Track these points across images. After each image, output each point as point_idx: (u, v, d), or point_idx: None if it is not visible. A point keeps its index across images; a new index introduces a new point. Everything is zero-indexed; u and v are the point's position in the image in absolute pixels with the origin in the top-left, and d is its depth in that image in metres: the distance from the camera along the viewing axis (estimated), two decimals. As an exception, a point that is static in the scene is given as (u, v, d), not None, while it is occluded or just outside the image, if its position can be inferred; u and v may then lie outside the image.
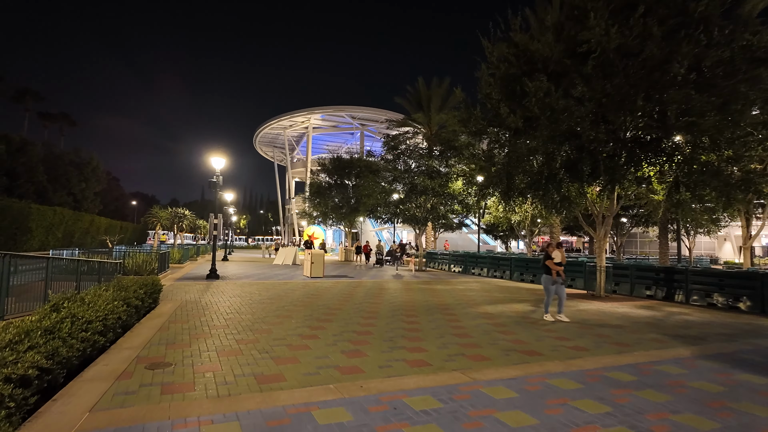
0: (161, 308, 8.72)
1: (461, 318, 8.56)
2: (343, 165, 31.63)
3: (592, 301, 11.82)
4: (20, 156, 37.78)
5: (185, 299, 10.16)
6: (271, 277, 16.61)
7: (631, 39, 9.30)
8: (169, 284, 13.14)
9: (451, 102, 28.94)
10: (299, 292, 11.96)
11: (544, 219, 24.00)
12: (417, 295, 12.26)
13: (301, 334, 6.77)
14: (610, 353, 6.06)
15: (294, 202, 69.51)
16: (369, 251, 27.90)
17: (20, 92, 53.98)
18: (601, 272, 12.94)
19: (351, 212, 31.10)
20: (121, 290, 7.06)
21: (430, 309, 9.65)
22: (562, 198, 12.42)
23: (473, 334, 7.09)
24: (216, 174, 15.00)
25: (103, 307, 5.61)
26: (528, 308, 10.21)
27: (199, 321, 7.61)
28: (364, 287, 13.87)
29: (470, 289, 14.06)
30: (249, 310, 8.80)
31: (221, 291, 11.92)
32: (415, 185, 20.59)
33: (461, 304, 10.50)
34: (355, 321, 7.96)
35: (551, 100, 10.23)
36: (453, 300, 11.31)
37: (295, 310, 9.02)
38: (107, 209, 61.82)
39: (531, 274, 17.78)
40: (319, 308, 9.32)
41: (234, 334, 6.63)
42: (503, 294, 13.12)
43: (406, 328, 7.39)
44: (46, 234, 35.49)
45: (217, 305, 9.40)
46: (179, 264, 20.86)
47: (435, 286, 14.96)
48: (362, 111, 62.70)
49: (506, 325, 7.99)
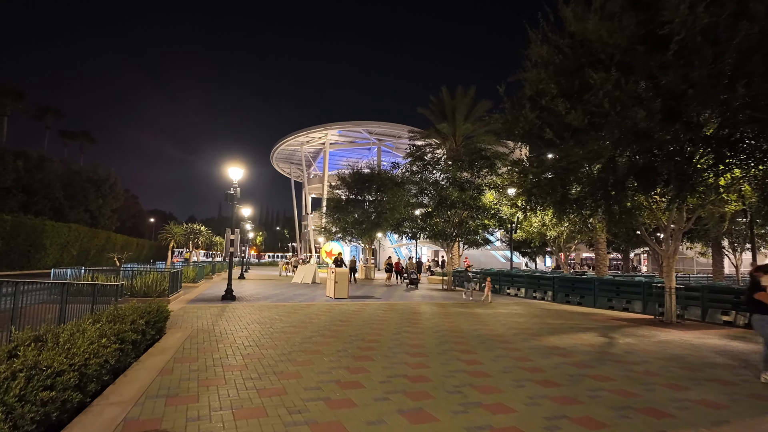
0: (168, 340, 7.33)
1: (529, 354, 6.96)
2: (363, 179, 30.41)
3: (666, 330, 10.07)
4: (37, 172, 37.54)
5: (197, 327, 8.77)
6: (291, 298, 15.17)
7: (725, 17, 7.81)
8: (180, 307, 11.80)
9: (477, 111, 27.63)
10: (325, 318, 10.48)
11: (583, 234, 22.20)
12: (458, 321, 10.67)
13: (339, 379, 5.28)
14: (761, 412, 4.43)
15: (311, 218, 68.62)
16: (401, 269, 26.12)
17: (41, 110, 54.53)
18: (671, 295, 11.18)
19: (372, 227, 29.69)
20: (116, 321, 5.69)
21: (483, 340, 8.07)
22: (623, 210, 10.80)
23: (559, 380, 5.50)
24: (233, 185, 13.77)
25: (84, 349, 4.22)
26: (600, 339, 8.54)
27: (212, 359, 6.18)
28: (395, 311, 12.32)
29: (516, 314, 12.40)
30: (270, 343, 7.35)
31: (238, 316, 10.51)
32: (444, 198, 19.06)
33: (518, 334, 8.89)
34: (401, 359, 6.44)
35: (621, 93, 8.74)
36: (504, 328, 9.69)
37: (325, 342, 7.54)
38: (124, 226, 61.60)
39: (578, 295, 15.99)
40: (351, 340, 7.82)
41: (254, 380, 5.18)
42: (557, 320, 11.43)
43: (469, 371, 5.84)
44: (61, 251, 34.87)
45: (233, 335, 7.97)
46: (193, 283, 19.61)
47: (474, 309, 13.33)
48: (379, 126, 61.96)
49: (591, 365, 6.36)
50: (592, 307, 15.09)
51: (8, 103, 46.05)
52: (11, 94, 46.15)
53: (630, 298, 14.30)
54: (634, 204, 11.03)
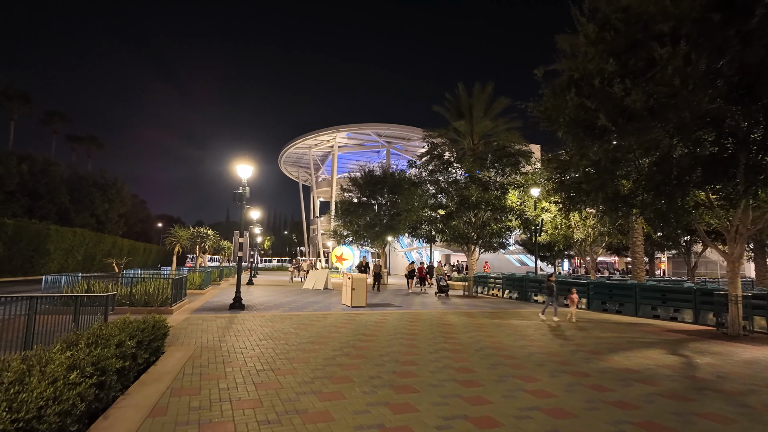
0: (166, 362, 6.16)
1: (604, 381, 5.68)
2: (375, 180, 29.25)
3: (738, 345, 8.73)
4: (43, 176, 36.84)
5: (201, 343, 7.60)
6: (304, 306, 13.97)
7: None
8: (184, 318, 10.65)
9: (495, 109, 26.35)
10: (346, 331, 9.27)
11: (611, 237, 20.81)
12: (497, 334, 9.40)
13: (381, 423, 4.05)
14: None
15: (320, 221, 67.69)
16: (425, 275, 24.53)
17: (48, 114, 54.08)
18: (737, 304, 9.84)
19: (385, 230, 28.48)
20: (98, 344, 4.53)
21: (540, 361, 6.80)
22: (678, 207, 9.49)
23: (667, 422, 4.22)
24: (242, 184, 12.63)
25: (39, 394, 3.05)
26: (673, 358, 7.23)
27: (217, 389, 4.99)
28: (421, 322, 11.08)
29: (556, 326, 11.10)
30: (287, 365, 6.15)
31: (248, 329, 9.33)
32: (465, 198, 17.79)
33: (574, 352, 7.61)
34: (451, 389, 5.19)
35: (692, 69, 7.49)
36: (555, 344, 8.41)
37: (352, 365, 6.32)
38: (132, 231, 60.90)
39: (616, 302, 14.63)
40: (383, 361, 6.60)
41: (272, 424, 3.97)
42: (605, 332, 10.12)
43: (544, 407, 4.58)
44: (66, 256, 34.01)
45: (242, 355, 6.79)
46: (200, 290, 18.50)
47: (509, 320, 12.04)
48: (388, 128, 61.02)
49: (690, 397, 5.07)
50: (633, 315, 13.74)
51: (15, 108, 45.58)
52: (18, 98, 45.68)
53: (678, 307, 12.94)
54: (695, 201, 9.74)
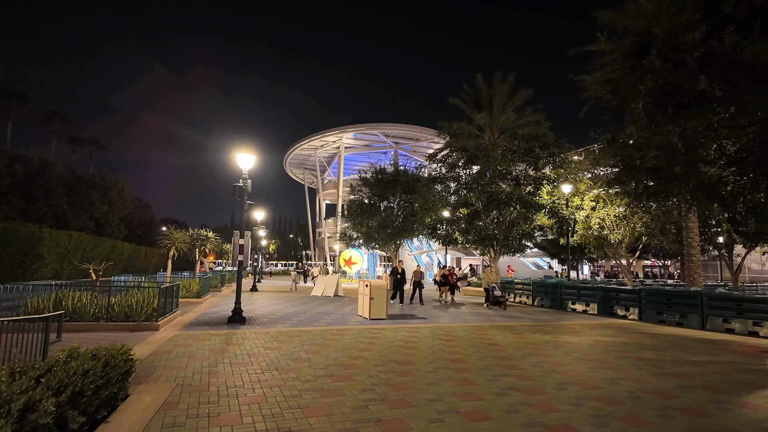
0: (124, 417, 4.24)
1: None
2: (387, 179, 27.39)
3: None
4: (38, 177, 35.21)
5: (183, 379, 5.69)
6: (315, 319, 12.04)
7: None
8: (171, 336, 8.76)
9: (517, 101, 24.42)
10: (372, 356, 7.33)
11: (653, 237, 18.79)
12: (567, 359, 7.42)
13: None
14: None
15: (326, 224, 65.92)
16: (456, 282, 20.10)
17: (48, 115, 52.62)
18: None
19: (398, 232, 26.56)
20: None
21: (662, 409, 4.83)
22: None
23: None
24: (243, 176, 10.75)
25: None
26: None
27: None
28: (462, 341, 9.11)
29: (622, 343, 9.11)
30: (301, 422, 4.22)
31: (247, 352, 7.42)
32: (494, 194, 15.81)
33: (689, 390, 5.62)
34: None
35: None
36: (651, 375, 6.43)
37: (394, 418, 4.37)
38: (134, 235, 59.26)
39: (676, 313, 12.58)
40: (436, 411, 4.64)
41: None
42: (693, 354, 8.12)
43: None
44: (61, 261, 32.19)
45: (237, 400, 4.86)
46: (197, 299, 16.64)
47: (562, 336, 10.05)
48: (396, 128, 59.37)
49: None
50: (699, 329, 11.73)
51: (12, 107, 44.17)
52: (15, 98, 44.27)
53: (758, 319, 10.91)
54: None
